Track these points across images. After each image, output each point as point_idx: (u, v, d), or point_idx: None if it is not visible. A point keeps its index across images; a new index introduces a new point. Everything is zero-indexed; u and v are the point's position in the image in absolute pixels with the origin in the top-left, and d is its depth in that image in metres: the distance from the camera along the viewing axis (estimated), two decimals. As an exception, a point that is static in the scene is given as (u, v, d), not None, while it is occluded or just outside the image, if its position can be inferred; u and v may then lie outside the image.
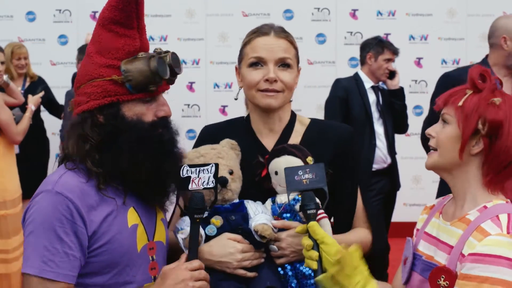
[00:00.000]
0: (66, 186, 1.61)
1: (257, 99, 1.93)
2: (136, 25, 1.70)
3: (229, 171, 1.87)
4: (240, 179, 1.91)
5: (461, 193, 1.63)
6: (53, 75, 6.04)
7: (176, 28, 6.46)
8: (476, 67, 1.62)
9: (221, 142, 1.96)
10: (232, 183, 1.87)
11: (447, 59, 6.44)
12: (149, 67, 1.66)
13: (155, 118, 1.70)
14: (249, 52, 1.95)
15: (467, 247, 1.51)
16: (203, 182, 1.73)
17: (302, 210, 1.70)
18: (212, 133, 2.05)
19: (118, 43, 1.68)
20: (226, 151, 1.93)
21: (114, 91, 1.66)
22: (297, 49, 1.99)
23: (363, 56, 4.72)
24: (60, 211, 1.57)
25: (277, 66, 1.91)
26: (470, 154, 1.59)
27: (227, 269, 1.80)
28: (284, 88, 1.92)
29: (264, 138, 2.00)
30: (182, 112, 6.51)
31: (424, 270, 1.63)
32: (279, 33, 1.95)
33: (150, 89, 1.67)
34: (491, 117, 1.55)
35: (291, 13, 6.49)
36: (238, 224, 1.83)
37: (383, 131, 4.63)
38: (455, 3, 6.43)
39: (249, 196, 1.90)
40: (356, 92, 4.58)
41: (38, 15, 6.43)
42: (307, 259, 1.64)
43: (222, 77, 6.50)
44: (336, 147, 1.96)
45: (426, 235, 1.70)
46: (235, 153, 1.95)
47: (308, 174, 1.73)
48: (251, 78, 1.92)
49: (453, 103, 1.61)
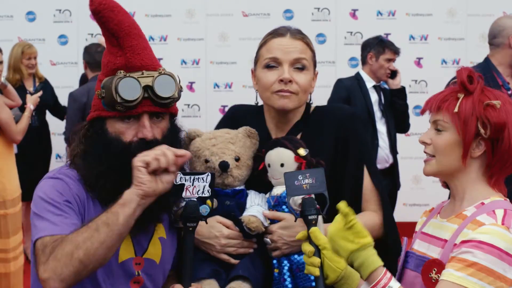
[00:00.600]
0: (65, 175, 1.69)
1: (272, 101, 1.92)
2: (116, 43, 1.68)
3: (235, 157, 1.89)
4: (248, 168, 1.92)
5: (460, 192, 1.63)
6: (53, 75, 6.03)
7: (176, 28, 6.45)
8: (463, 69, 1.61)
9: (239, 129, 1.97)
10: (235, 170, 1.88)
11: (447, 59, 6.44)
12: (113, 86, 1.63)
13: (136, 138, 1.67)
14: (264, 53, 1.94)
15: (460, 237, 1.51)
16: (198, 190, 1.69)
17: (303, 216, 1.68)
18: (238, 115, 2.08)
19: (105, 59, 1.71)
20: (240, 137, 1.94)
21: (97, 106, 1.71)
22: (314, 52, 1.97)
23: (364, 56, 4.72)
24: (58, 189, 1.65)
25: (292, 67, 1.90)
26: (471, 157, 1.59)
27: (211, 251, 1.82)
28: (299, 90, 1.89)
29: (275, 135, 2.00)
30: (182, 112, 6.50)
31: (417, 265, 1.62)
32: (295, 34, 1.93)
33: (117, 108, 1.65)
34: (494, 120, 1.55)
35: (291, 13, 6.49)
36: (231, 210, 1.85)
37: (386, 130, 4.63)
38: (455, 3, 6.43)
39: (258, 187, 1.92)
40: (358, 92, 4.58)
41: (38, 15, 6.43)
42: (308, 265, 1.62)
43: (222, 77, 6.50)
44: (338, 131, 1.94)
45: (422, 234, 1.70)
46: (251, 142, 1.96)
47: (308, 179, 1.70)
48: (265, 80, 1.91)
49: (447, 109, 1.59)
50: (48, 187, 1.67)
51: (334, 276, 1.61)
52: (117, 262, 1.70)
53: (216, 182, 1.86)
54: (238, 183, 1.90)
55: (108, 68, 1.68)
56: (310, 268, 1.61)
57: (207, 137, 1.94)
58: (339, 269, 1.60)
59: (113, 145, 1.66)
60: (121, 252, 1.70)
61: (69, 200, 1.65)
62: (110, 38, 1.68)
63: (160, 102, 1.66)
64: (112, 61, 1.67)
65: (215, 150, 1.90)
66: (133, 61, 1.67)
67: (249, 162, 1.93)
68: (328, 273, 1.61)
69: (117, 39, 1.67)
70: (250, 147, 1.94)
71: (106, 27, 1.66)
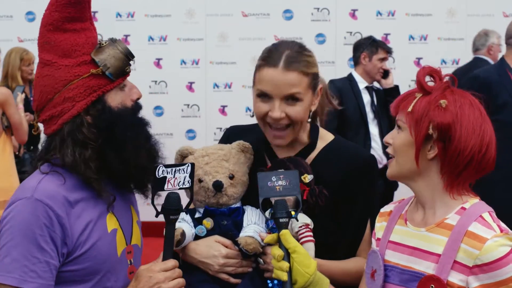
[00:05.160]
0: (46, 192, 1.55)
1: (267, 134, 1.87)
2: (89, 16, 1.68)
3: (229, 176, 1.85)
4: (243, 185, 1.88)
5: (428, 199, 1.57)
6: (53, 75, 6.04)
7: (176, 28, 6.45)
8: (424, 68, 1.57)
9: (232, 144, 1.93)
10: (229, 188, 1.84)
11: (446, 59, 6.44)
12: (120, 50, 1.66)
13: (132, 102, 1.69)
14: (257, 81, 1.84)
15: (464, 255, 1.46)
16: (179, 182, 1.66)
17: (274, 218, 1.62)
18: (237, 133, 2.02)
19: (80, 39, 1.64)
20: (234, 153, 1.90)
21: (97, 85, 1.63)
22: (312, 74, 1.84)
23: (356, 57, 4.74)
24: (41, 218, 1.52)
25: (284, 101, 1.80)
26: (428, 159, 1.53)
27: (209, 270, 1.79)
28: (292, 122, 1.82)
29: (279, 150, 1.94)
30: (182, 112, 6.50)
31: (405, 280, 1.55)
32: (289, 65, 1.79)
33: (127, 71, 1.67)
34: (438, 121, 1.49)
35: (291, 13, 6.49)
36: (228, 230, 1.82)
37: (378, 131, 4.63)
38: (455, 3, 6.43)
39: (257, 203, 1.88)
40: (350, 93, 4.59)
41: (38, 15, 6.42)
42: (276, 269, 1.56)
43: (221, 77, 6.50)
44: (348, 172, 1.86)
45: (393, 244, 1.62)
46: (246, 156, 1.91)
47: (282, 181, 1.65)
48: (258, 110, 1.84)
49: (403, 109, 1.55)
50: (27, 217, 1.53)
51: (303, 281, 1.55)
52: (117, 256, 1.68)
53: (211, 202, 1.85)
54: (233, 201, 1.87)
55: (89, 44, 1.65)
56: (278, 273, 1.55)
57: (200, 154, 1.89)
58: (308, 274, 1.55)
59: (126, 114, 1.66)
60: (118, 245, 1.68)
61: (48, 234, 1.53)
62: (85, 12, 1.66)
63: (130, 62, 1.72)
64: (91, 35, 1.67)
65: (208, 169, 1.85)
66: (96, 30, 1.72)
67: (244, 178, 1.89)
68: (296, 278, 1.55)
69: (89, 10, 1.69)
70: (244, 163, 1.90)
71: (88, 5, 1.67)
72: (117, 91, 1.66)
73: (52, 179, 1.60)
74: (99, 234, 1.62)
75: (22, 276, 1.51)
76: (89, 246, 1.59)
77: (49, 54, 1.65)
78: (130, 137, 1.63)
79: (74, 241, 1.57)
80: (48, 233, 1.53)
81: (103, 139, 1.62)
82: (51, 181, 1.59)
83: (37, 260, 1.52)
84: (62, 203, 1.56)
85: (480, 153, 1.50)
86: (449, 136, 1.49)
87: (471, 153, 1.49)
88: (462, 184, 1.54)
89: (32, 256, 1.51)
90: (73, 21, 1.63)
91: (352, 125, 4.45)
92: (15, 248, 1.51)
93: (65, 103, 1.62)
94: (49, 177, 1.60)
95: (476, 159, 1.50)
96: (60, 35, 1.64)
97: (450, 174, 1.52)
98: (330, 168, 1.87)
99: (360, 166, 1.89)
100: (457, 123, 1.49)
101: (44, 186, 1.57)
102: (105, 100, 1.64)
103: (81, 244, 1.58)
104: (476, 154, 1.49)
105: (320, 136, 1.95)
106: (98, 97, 1.63)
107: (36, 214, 1.52)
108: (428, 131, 1.50)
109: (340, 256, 1.87)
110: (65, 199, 1.58)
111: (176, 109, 6.45)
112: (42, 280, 1.52)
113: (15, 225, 1.53)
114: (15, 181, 4.25)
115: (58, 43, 1.64)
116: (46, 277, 1.53)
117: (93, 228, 1.61)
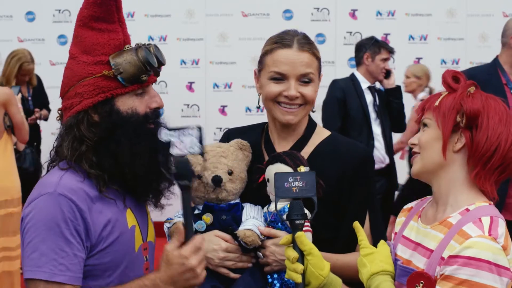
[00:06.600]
0: (68, 187, 1.58)
1: (276, 113, 1.89)
2: (117, 19, 1.69)
3: (228, 171, 1.87)
4: (242, 181, 1.90)
5: (443, 195, 1.60)
6: (53, 75, 6.02)
7: (176, 28, 6.46)
8: (449, 71, 1.63)
9: (230, 142, 1.95)
10: (228, 184, 1.86)
11: (446, 59, 6.44)
12: (138, 57, 1.65)
13: (148, 109, 1.68)
14: (270, 64, 1.88)
15: (447, 250, 1.48)
16: (187, 146, 1.59)
17: (289, 219, 1.62)
18: (236, 134, 2.03)
19: (102, 39, 1.67)
20: (232, 150, 1.91)
21: (107, 87, 1.64)
22: (320, 59, 1.93)
23: (359, 57, 4.74)
24: (65, 212, 1.54)
25: (298, 81, 1.86)
26: (454, 152, 1.57)
27: (209, 265, 1.79)
28: (305, 102, 1.87)
29: (278, 146, 1.96)
30: (182, 112, 6.51)
31: (400, 275, 1.59)
32: (302, 46, 1.88)
33: (142, 79, 1.66)
34: (467, 107, 1.54)
35: (291, 13, 6.49)
36: (228, 225, 1.83)
37: (381, 131, 4.64)
38: (454, 3, 6.43)
39: (256, 200, 1.89)
40: (353, 93, 4.59)
41: (38, 15, 6.43)
42: (290, 271, 1.57)
43: (221, 77, 6.50)
44: (346, 166, 1.89)
45: (404, 238, 1.67)
46: (244, 154, 1.93)
47: (299, 182, 1.65)
48: (270, 90, 1.87)
49: (429, 107, 1.61)
50: (52, 211, 1.56)
51: (317, 283, 1.55)
52: (134, 253, 1.69)
53: (210, 198, 1.85)
54: (232, 197, 1.87)
55: (110, 46, 1.67)
56: (293, 275, 1.56)
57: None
58: (322, 276, 1.55)
59: (134, 120, 1.65)
60: (136, 241, 1.70)
61: (74, 227, 1.56)
62: (112, 15, 1.68)
63: (158, 71, 1.72)
64: (115, 38, 1.68)
65: (207, 165, 1.86)
66: (127, 35, 1.72)
67: (243, 175, 1.89)
68: (310, 280, 1.56)
69: (119, 14, 1.70)
70: (242, 160, 1.92)
71: (118, 2, 1.69)
72: (131, 97, 1.66)
73: (73, 176, 1.62)
74: (121, 230, 1.64)
75: (52, 270, 1.53)
76: (111, 241, 1.62)
77: (75, 47, 1.70)
78: (128, 142, 1.63)
79: (97, 235, 1.59)
80: (73, 227, 1.55)
81: (99, 138, 1.64)
82: (71, 177, 1.62)
83: (65, 254, 1.54)
84: (84, 198, 1.59)
85: (507, 142, 1.54)
86: (477, 124, 1.54)
87: (498, 140, 1.53)
88: (489, 176, 1.56)
89: (60, 250, 1.54)
90: (98, 21, 1.67)
91: (355, 125, 4.47)
92: (43, 243, 1.54)
93: (75, 97, 1.66)
94: (69, 173, 1.63)
95: (504, 147, 1.53)
96: (86, 32, 1.68)
97: (478, 161, 1.55)
98: (327, 163, 1.89)
99: (357, 160, 1.91)
100: (484, 112, 1.54)
101: (65, 182, 1.60)
102: (114, 102, 1.65)
103: (103, 238, 1.61)
104: (503, 142, 1.53)
105: (316, 131, 1.98)
106: (106, 98, 1.64)
107: (60, 208, 1.55)
108: (456, 121, 1.55)
109: (339, 250, 1.88)
110: (87, 194, 1.60)
111: (176, 109, 6.46)
112: (71, 273, 1.55)
113: (40, 220, 1.55)
114: (16, 181, 4.25)
115: (83, 39, 1.68)
116: (75, 270, 1.55)
117: (116, 223, 1.63)
